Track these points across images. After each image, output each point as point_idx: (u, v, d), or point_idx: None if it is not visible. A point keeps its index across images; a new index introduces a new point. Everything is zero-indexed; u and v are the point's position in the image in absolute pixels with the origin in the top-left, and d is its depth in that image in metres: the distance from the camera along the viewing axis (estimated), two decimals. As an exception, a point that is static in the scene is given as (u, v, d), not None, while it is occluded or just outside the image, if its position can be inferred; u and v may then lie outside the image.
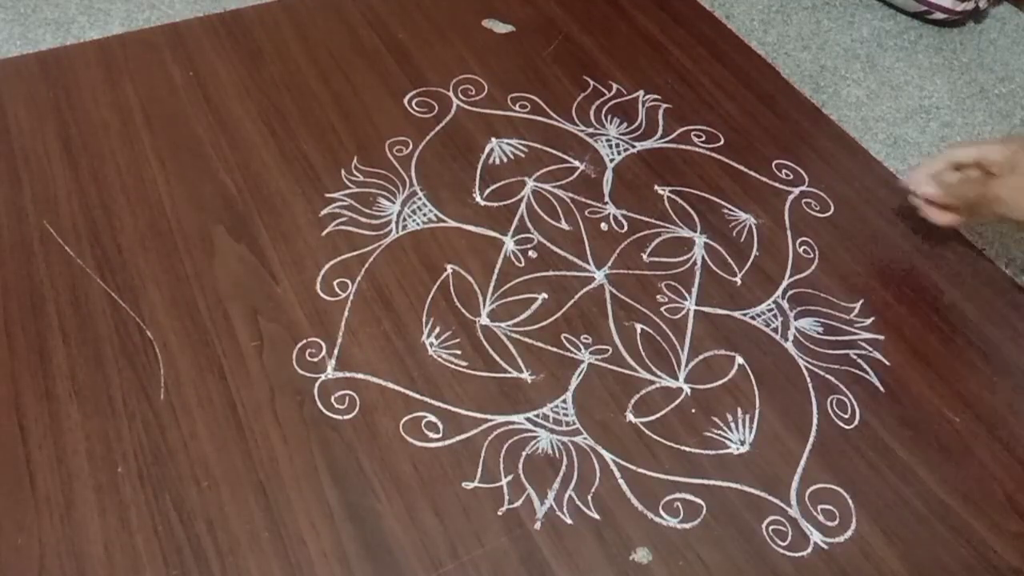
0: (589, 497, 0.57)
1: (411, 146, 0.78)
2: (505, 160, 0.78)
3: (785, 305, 0.69)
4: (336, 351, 0.63)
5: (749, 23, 0.99)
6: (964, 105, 0.93)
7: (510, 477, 0.58)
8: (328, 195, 0.73)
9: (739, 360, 0.66)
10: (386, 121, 0.79)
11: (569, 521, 0.56)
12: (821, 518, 0.58)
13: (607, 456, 0.59)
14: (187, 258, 0.67)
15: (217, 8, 0.90)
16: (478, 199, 0.74)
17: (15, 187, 0.71)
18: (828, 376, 0.65)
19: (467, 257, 0.70)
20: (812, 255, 0.73)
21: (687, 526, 0.57)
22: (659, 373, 0.64)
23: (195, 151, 0.75)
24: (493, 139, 0.79)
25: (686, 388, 0.64)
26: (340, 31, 0.87)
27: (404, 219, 0.72)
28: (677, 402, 0.63)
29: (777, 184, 0.79)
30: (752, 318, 0.68)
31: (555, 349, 0.65)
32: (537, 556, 0.55)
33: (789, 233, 0.75)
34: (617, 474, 0.59)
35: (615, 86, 0.85)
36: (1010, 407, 0.65)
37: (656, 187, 0.77)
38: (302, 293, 0.66)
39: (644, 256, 0.72)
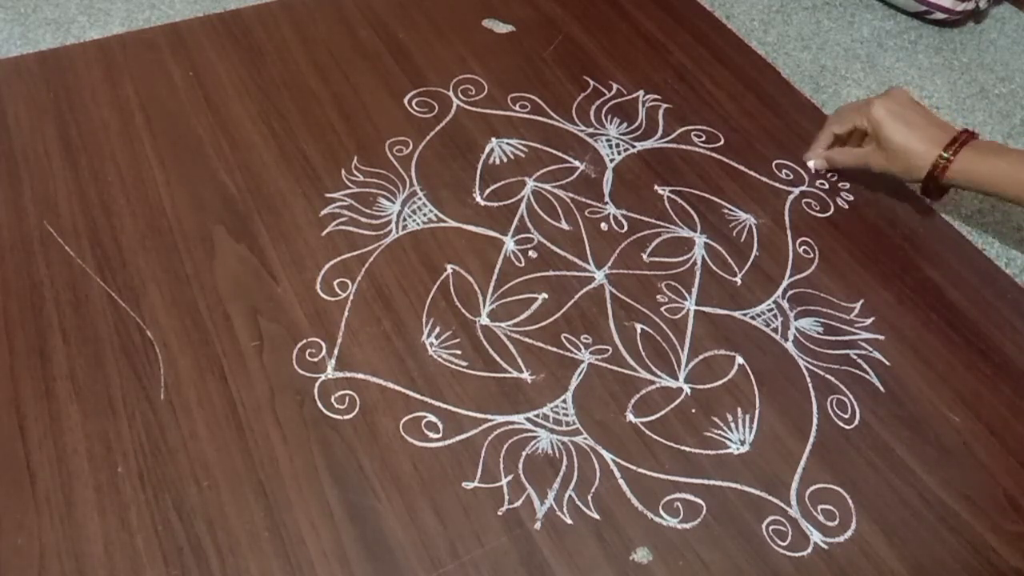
0: (589, 497, 0.57)
1: (411, 146, 0.78)
2: (505, 160, 0.78)
3: (785, 305, 0.69)
4: (336, 351, 0.63)
5: (749, 23, 0.99)
6: (964, 105, 0.92)
7: (510, 477, 0.58)
8: (328, 195, 0.73)
9: (739, 360, 0.66)
10: (386, 121, 0.79)
11: (569, 521, 0.56)
12: (821, 518, 0.58)
13: (607, 456, 0.59)
14: (187, 258, 0.67)
15: (217, 8, 0.90)
16: (478, 199, 0.74)
17: (15, 187, 0.71)
18: (828, 376, 0.65)
19: (467, 257, 0.70)
20: (812, 255, 0.73)
21: (687, 526, 0.57)
22: (659, 373, 0.64)
23: (195, 151, 0.75)
24: (493, 139, 0.79)
25: (686, 388, 0.64)
26: (340, 31, 0.87)
27: (404, 219, 0.72)
28: (677, 402, 0.63)
29: (777, 184, 0.79)
30: (752, 318, 0.68)
31: (555, 349, 0.65)
32: (537, 556, 0.55)
33: (789, 233, 0.75)
34: (617, 474, 0.59)
35: (615, 86, 0.85)
36: (1010, 407, 0.65)
37: (656, 187, 0.77)
38: (302, 293, 0.66)
39: (644, 256, 0.72)
